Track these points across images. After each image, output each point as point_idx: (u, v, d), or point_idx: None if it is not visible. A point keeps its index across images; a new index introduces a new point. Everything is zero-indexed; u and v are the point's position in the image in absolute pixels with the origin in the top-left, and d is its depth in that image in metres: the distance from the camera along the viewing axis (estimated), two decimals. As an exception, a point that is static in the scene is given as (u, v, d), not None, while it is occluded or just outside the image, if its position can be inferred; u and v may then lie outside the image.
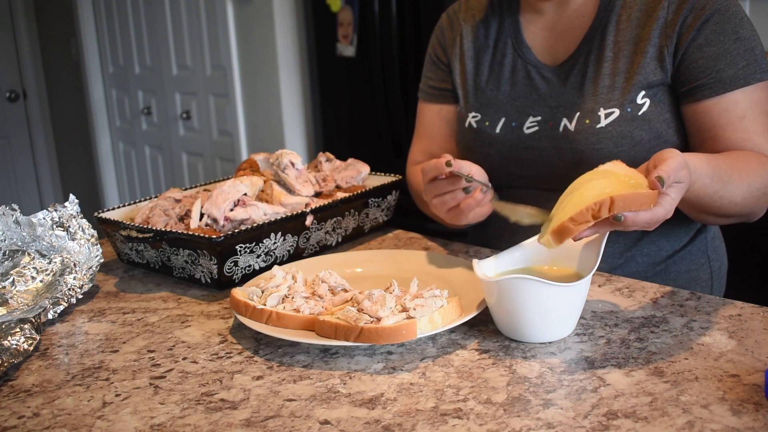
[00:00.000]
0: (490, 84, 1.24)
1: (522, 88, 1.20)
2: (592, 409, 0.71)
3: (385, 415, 0.72)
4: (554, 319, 0.85)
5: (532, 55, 1.20)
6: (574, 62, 1.16)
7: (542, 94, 1.18)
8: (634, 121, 1.10)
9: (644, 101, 1.10)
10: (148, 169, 4.08)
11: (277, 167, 1.25)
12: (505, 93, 1.21)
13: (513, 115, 1.19)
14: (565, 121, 1.14)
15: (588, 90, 1.13)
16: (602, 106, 1.11)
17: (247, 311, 0.91)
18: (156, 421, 0.73)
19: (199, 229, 1.11)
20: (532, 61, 1.20)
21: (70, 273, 1.05)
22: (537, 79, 1.19)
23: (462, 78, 1.28)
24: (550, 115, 1.16)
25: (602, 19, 1.15)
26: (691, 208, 1.04)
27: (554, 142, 1.14)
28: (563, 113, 1.15)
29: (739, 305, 0.93)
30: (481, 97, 1.24)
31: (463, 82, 1.27)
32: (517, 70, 1.21)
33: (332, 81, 2.99)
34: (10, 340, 0.87)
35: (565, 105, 1.15)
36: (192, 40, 3.53)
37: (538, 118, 1.17)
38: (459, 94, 1.28)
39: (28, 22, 4.47)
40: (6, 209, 1.09)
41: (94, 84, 4.16)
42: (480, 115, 1.23)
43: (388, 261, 1.11)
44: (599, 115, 1.11)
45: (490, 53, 1.25)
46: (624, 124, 1.10)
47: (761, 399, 0.71)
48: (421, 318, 0.84)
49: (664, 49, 1.09)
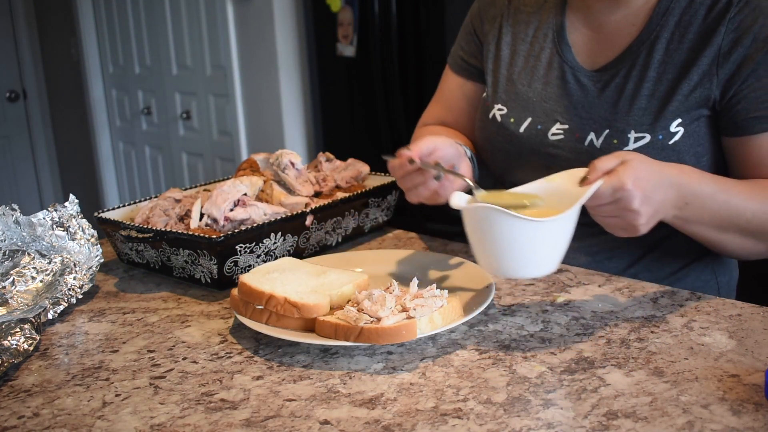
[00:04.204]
0: (522, 77, 1.18)
1: (554, 90, 1.15)
2: (592, 409, 0.71)
3: (385, 415, 0.72)
4: (523, 254, 0.86)
5: (570, 55, 1.15)
6: (614, 72, 1.10)
7: (574, 101, 1.12)
8: (663, 150, 1.04)
9: (678, 130, 1.05)
10: (148, 169, 4.08)
11: (277, 167, 1.25)
12: (537, 91, 1.16)
13: (540, 117, 1.15)
14: (592, 135, 1.09)
15: (623, 108, 1.08)
16: (634, 128, 1.06)
17: (247, 311, 0.91)
18: (156, 421, 0.73)
19: (199, 229, 1.11)
20: (570, 61, 1.14)
21: (70, 273, 1.05)
22: (572, 82, 1.13)
23: (495, 64, 1.22)
24: (578, 125, 1.11)
25: (651, 33, 1.08)
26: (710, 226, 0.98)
27: (576, 155, 1.10)
28: (592, 127, 1.10)
29: (739, 305, 0.93)
30: (510, 90, 1.19)
31: (495, 69, 1.22)
32: (552, 68, 1.16)
33: (332, 81, 2.99)
34: (10, 340, 0.87)
35: (595, 118, 1.10)
36: (192, 40, 3.53)
37: (565, 126, 1.12)
38: (488, 81, 1.23)
39: (28, 22, 4.46)
40: (6, 209, 1.09)
41: (94, 84, 4.16)
42: (506, 109, 1.18)
43: (388, 261, 1.11)
44: (629, 137, 1.06)
45: (528, 43, 1.19)
46: (652, 151, 1.04)
47: (761, 399, 0.71)
48: (421, 318, 0.84)
49: (713, 77, 1.03)
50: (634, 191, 0.86)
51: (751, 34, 1.02)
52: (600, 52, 1.13)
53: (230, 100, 3.37)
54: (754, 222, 0.98)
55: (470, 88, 1.29)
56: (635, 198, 0.86)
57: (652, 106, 1.06)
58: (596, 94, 1.11)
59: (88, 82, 4.16)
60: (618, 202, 0.87)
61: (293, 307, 0.88)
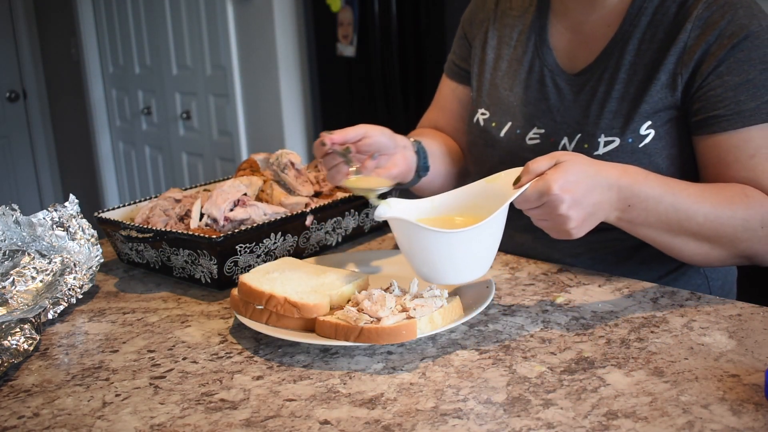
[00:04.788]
0: (505, 82, 1.18)
1: (534, 94, 1.14)
2: (592, 409, 0.71)
3: (385, 415, 0.72)
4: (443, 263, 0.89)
5: (551, 58, 1.14)
6: (590, 75, 1.09)
7: (551, 105, 1.12)
8: (634, 154, 1.02)
9: (648, 132, 1.02)
10: (148, 169, 4.08)
11: (277, 167, 1.25)
12: (518, 95, 1.16)
13: (520, 122, 1.14)
14: (565, 140, 1.09)
15: (593, 111, 1.06)
16: (603, 132, 1.05)
17: (247, 311, 0.91)
18: (156, 421, 0.73)
19: (199, 229, 1.11)
20: (550, 64, 1.14)
21: (70, 273, 1.05)
22: (550, 86, 1.13)
23: (480, 68, 1.22)
24: (553, 129, 1.11)
25: (625, 33, 1.07)
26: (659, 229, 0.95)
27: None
28: (566, 131, 1.09)
29: (739, 305, 0.93)
30: (493, 94, 1.19)
31: (480, 73, 1.22)
32: (533, 71, 1.15)
33: (332, 81, 2.99)
34: (10, 340, 0.87)
35: (569, 122, 1.09)
36: (192, 40, 3.53)
37: (541, 131, 1.12)
38: (473, 85, 1.23)
39: (28, 22, 4.47)
40: (6, 209, 1.09)
41: (94, 84, 4.16)
42: (489, 113, 1.19)
43: (388, 261, 1.11)
44: (599, 141, 1.04)
45: (512, 47, 1.19)
46: (622, 155, 1.02)
47: (761, 399, 0.71)
48: (421, 318, 0.84)
49: (677, 77, 1.01)
50: (562, 195, 0.84)
51: (716, 29, 0.99)
52: (579, 55, 1.12)
53: (230, 100, 3.37)
54: (706, 226, 0.94)
55: (462, 92, 1.29)
56: (563, 202, 0.85)
57: (622, 109, 1.04)
58: (572, 98, 1.10)
59: (88, 82, 4.16)
60: (545, 206, 0.86)
61: (293, 307, 0.88)
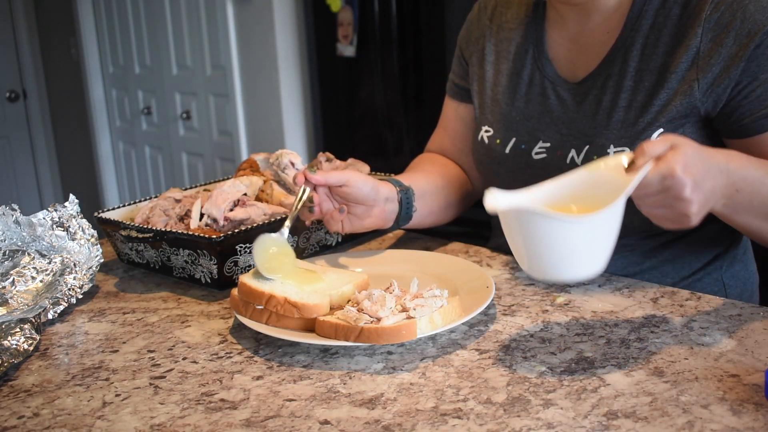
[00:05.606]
0: (506, 97, 1.16)
1: (536, 107, 1.12)
2: (592, 409, 0.71)
3: (385, 415, 0.72)
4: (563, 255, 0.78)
5: (551, 68, 1.12)
6: (592, 83, 1.06)
7: (554, 117, 1.09)
8: None
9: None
10: (148, 169, 4.08)
11: (277, 167, 1.25)
12: (519, 110, 1.13)
13: (524, 137, 1.12)
14: (573, 152, 1.06)
15: (600, 122, 1.04)
16: (613, 143, 1.02)
17: (247, 311, 0.91)
18: (156, 421, 0.73)
19: (199, 229, 1.11)
20: (551, 75, 1.11)
21: (70, 273, 1.05)
22: (552, 97, 1.10)
23: (480, 85, 1.21)
24: (559, 142, 1.08)
25: (626, 39, 1.04)
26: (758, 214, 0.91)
27: (560, 173, 1.03)
28: (572, 143, 1.06)
29: (739, 305, 0.93)
30: (495, 110, 1.17)
31: (480, 90, 1.20)
32: (534, 84, 1.13)
33: (332, 81, 2.99)
34: (10, 340, 0.87)
35: (575, 134, 1.06)
36: (192, 40, 3.53)
37: (547, 145, 1.09)
38: (474, 102, 1.22)
39: (28, 22, 4.47)
40: (6, 209, 1.09)
41: (94, 84, 4.16)
42: (492, 130, 1.16)
43: (388, 261, 1.11)
44: (609, 152, 1.02)
45: (510, 61, 1.17)
46: None
47: (761, 399, 0.71)
48: (421, 318, 0.84)
49: (693, 83, 0.98)
50: (685, 178, 0.78)
51: (731, 31, 0.96)
52: (580, 64, 1.10)
53: (230, 100, 3.37)
54: None
55: (464, 110, 1.28)
56: (686, 186, 0.78)
57: (630, 118, 1.02)
58: (575, 109, 1.08)
59: (88, 82, 4.16)
60: (667, 191, 0.79)
61: (293, 307, 0.88)
